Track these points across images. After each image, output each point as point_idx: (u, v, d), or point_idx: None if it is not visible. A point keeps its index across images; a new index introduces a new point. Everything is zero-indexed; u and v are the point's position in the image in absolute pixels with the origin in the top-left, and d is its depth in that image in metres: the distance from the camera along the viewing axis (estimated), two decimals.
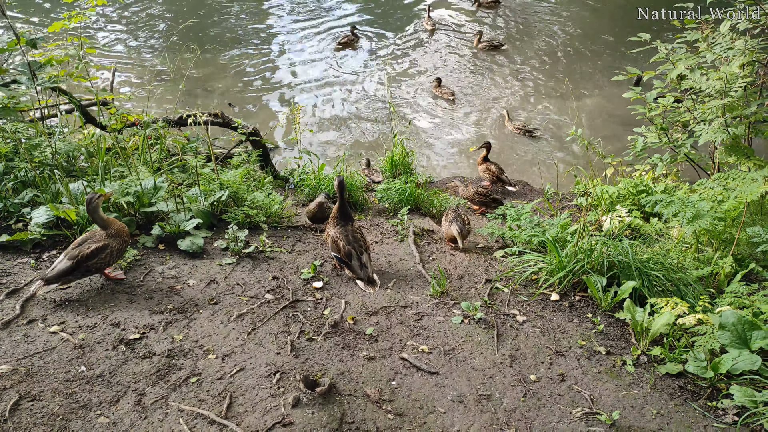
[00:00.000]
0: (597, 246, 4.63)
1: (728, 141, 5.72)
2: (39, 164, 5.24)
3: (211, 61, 12.68)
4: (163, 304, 4.02)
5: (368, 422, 3.14)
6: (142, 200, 4.96)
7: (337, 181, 4.81)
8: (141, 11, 14.95)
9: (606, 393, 3.51)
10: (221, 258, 4.74)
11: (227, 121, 7.35)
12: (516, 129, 10.45)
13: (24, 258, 4.39)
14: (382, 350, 3.78)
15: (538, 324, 4.19)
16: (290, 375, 3.42)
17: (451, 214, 5.72)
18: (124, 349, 3.51)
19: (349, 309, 4.23)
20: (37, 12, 14.72)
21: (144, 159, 5.97)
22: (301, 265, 4.87)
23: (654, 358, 3.85)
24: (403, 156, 8.06)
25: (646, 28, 6.30)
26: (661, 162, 6.80)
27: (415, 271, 4.99)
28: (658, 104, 6.53)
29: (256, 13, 15.07)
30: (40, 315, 3.75)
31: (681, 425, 3.27)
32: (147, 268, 4.46)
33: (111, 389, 3.18)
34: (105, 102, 7.13)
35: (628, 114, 7.93)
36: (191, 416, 3.04)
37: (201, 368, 3.42)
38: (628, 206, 5.98)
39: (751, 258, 4.93)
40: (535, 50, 13.18)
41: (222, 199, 5.43)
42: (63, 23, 5.67)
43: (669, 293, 4.38)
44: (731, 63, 5.59)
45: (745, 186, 5.00)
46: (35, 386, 3.13)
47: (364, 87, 12.00)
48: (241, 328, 3.85)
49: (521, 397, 3.44)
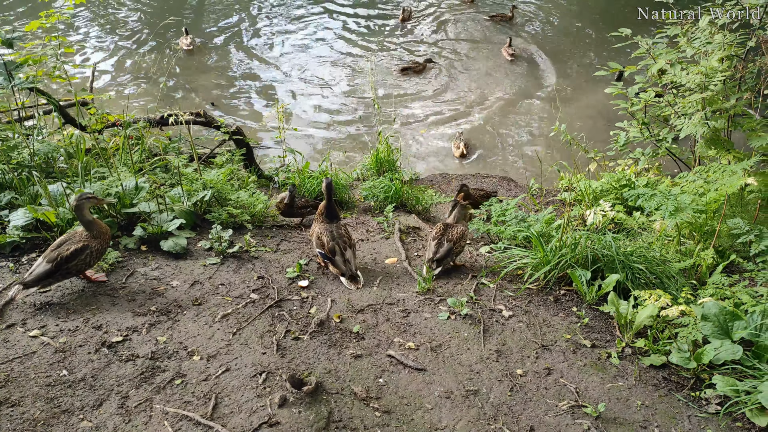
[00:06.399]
0: (581, 240, 4.67)
1: (708, 134, 5.80)
2: (17, 166, 5.14)
3: (193, 60, 12.56)
4: (146, 305, 3.97)
5: (356, 420, 3.12)
6: (123, 201, 4.89)
7: (325, 183, 4.81)
8: (120, 10, 14.76)
9: (591, 386, 3.54)
10: (205, 258, 4.69)
11: (210, 120, 7.29)
12: (509, 55, 12.36)
13: (2, 261, 4.31)
14: (369, 348, 3.77)
15: (524, 318, 4.21)
16: (276, 375, 3.40)
17: (437, 228, 4.99)
18: (107, 352, 3.46)
19: (336, 307, 4.21)
20: (12, 12, 14.45)
21: (125, 159, 5.88)
22: (287, 264, 4.84)
23: (638, 350, 3.89)
24: (388, 153, 8.05)
25: (628, 24, 6.35)
26: (643, 156, 6.87)
27: (401, 268, 4.99)
28: (640, 99, 6.59)
29: (239, 10, 14.93)
30: (19, 319, 3.68)
31: (665, 416, 3.31)
32: (129, 269, 4.40)
33: (94, 393, 3.13)
34: (84, 102, 7.03)
35: (610, 109, 8.00)
36: (176, 418, 3.00)
37: (186, 370, 3.38)
38: (611, 200, 6.03)
39: (731, 250, 5.01)
40: (517, 47, 13.23)
41: (205, 199, 5.38)
42: (40, 22, 5.57)
43: (652, 286, 4.42)
44: (710, 57, 5.66)
45: (725, 179, 5.07)
46: (15, 391, 3.07)
47: (349, 83, 11.96)
48: (226, 328, 3.81)
49: (508, 391, 3.45)
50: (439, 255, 4.77)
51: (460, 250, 4.89)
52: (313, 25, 14.13)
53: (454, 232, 4.87)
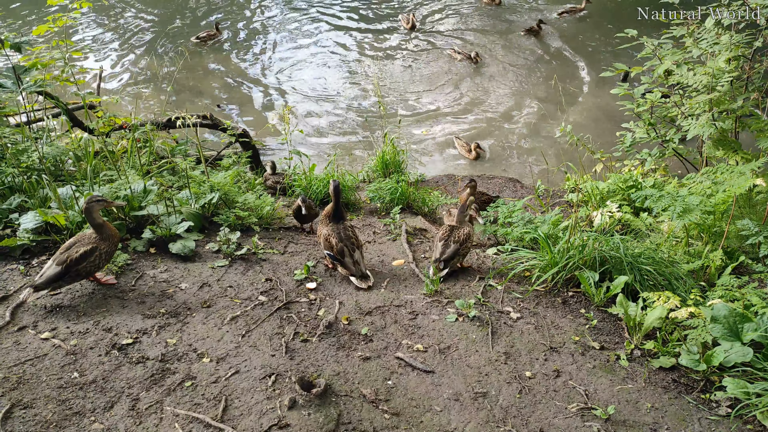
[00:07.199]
0: (589, 242, 4.66)
1: (716, 135, 5.78)
2: (26, 169, 5.18)
3: (200, 63, 12.60)
4: (155, 308, 3.99)
5: (365, 422, 3.13)
6: (131, 204, 4.92)
7: (332, 186, 4.82)
8: (127, 13, 14.83)
9: (601, 388, 3.53)
10: (213, 260, 4.71)
11: (216, 122, 7.32)
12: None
13: (13, 264, 4.34)
14: (378, 350, 3.77)
15: (532, 320, 4.21)
16: (285, 377, 3.41)
17: (444, 230, 4.98)
18: (117, 354, 3.48)
19: (344, 309, 4.22)
20: (20, 17, 14.55)
21: (133, 162, 5.91)
22: (294, 266, 4.85)
23: (647, 352, 3.88)
24: (393, 155, 8.05)
25: (635, 26, 6.34)
26: (650, 157, 6.84)
27: (408, 270, 4.99)
28: (646, 100, 6.57)
29: (245, 13, 14.98)
30: (30, 322, 3.71)
31: (675, 418, 3.30)
32: (138, 272, 4.42)
33: (105, 395, 3.15)
34: (92, 105, 7.07)
35: (617, 110, 7.98)
36: (186, 420, 3.02)
37: (195, 372, 3.40)
38: (618, 202, 6.01)
39: (740, 251, 4.98)
40: (522, 48, 13.21)
41: (213, 201, 5.40)
42: (48, 26, 5.61)
43: (661, 287, 4.41)
44: (717, 58, 5.64)
45: (733, 180, 5.05)
46: (27, 394, 3.09)
47: (355, 84, 11.98)
48: (235, 330, 3.83)
49: (517, 393, 3.45)
50: (446, 255, 4.78)
51: (466, 251, 4.89)
52: (320, 34, 14.12)
53: (460, 233, 4.88)
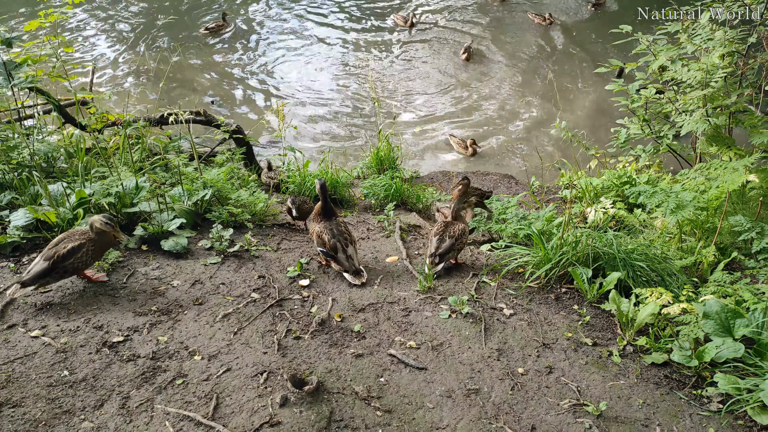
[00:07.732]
0: (582, 238, 4.66)
1: (709, 131, 5.78)
2: (17, 166, 5.14)
3: (193, 59, 12.54)
4: (147, 305, 3.97)
5: (357, 420, 3.12)
6: (123, 201, 4.89)
7: (318, 185, 4.79)
8: (120, 8, 14.73)
9: (593, 384, 3.53)
10: (206, 258, 4.69)
11: (210, 119, 7.28)
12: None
13: (3, 262, 4.30)
14: (370, 347, 3.76)
15: (525, 317, 4.21)
16: (277, 374, 3.39)
17: (438, 225, 4.99)
18: (108, 352, 3.46)
19: (337, 306, 4.21)
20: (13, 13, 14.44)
21: (125, 159, 5.88)
22: (288, 263, 4.84)
23: (640, 349, 3.88)
24: (388, 152, 8.03)
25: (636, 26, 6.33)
26: (644, 153, 6.85)
27: (402, 267, 4.98)
28: (641, 96, 6.57)
29: (237, 9, 14.91)
30: (20, 320, 3.68)
31: (667, 414, 3.30)
32: (130, 269, 4.39)
33: (95, 393, 3.13)
34: (84, 101, 7.02)
35: (611, 106, 7.98)
36: (177, 418, 3.00)
37: (187, 370, 3.38)
38: (612, 198, 6.02)
39: (733, 247, 4.99)
40: (518, 44, 13.20)
41: (206, 198, 5.37)
42: (39, 21, 5.56)
43: (653, 283, 4.42)
44: (711, 54, 5.63)
45: (726, 175, 5.05)
46: (17, 392, 3.07)
47: (349, 81, 11.95)
48: (227, 328, 3.81)
49: (509, 390, 3.45)
50: (441, 250, 4.77)
51: (461, 247, 4.89)
52: (314, 30, 14.08)
53: (455, 228, 4.87)
